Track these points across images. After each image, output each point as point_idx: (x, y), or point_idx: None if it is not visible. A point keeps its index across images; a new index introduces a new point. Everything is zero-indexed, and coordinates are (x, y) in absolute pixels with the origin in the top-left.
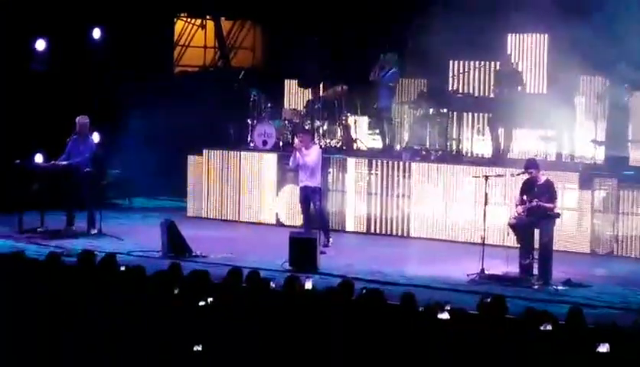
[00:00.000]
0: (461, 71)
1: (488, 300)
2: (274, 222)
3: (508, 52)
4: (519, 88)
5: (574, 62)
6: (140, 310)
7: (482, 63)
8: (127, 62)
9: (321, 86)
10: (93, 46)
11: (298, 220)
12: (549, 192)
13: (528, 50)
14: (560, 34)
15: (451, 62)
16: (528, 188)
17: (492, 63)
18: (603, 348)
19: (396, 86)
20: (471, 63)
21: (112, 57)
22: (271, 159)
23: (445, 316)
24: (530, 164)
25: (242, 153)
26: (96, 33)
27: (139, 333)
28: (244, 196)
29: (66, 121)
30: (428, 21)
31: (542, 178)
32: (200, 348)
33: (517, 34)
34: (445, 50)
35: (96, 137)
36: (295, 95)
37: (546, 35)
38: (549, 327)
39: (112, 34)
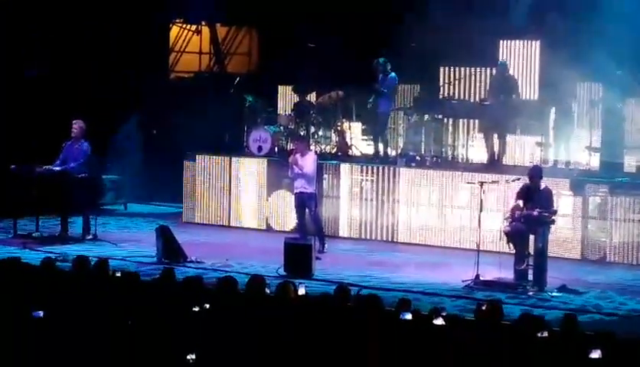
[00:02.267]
0: (455, 78)
1: (484, 306)
2: (264, 227)
3: (501, 58)
4: (514, 95)
5: (569, 68)
6: (134, 315)
7: (477, 69)
8: (122, 67)
9: (314, 92)
10: (88, 52)
11: (288, 225)
12: (548, 200)
13: (520, 56)
14: (554, 40)
15: (442, 68)
16: (527, 195)
17: (484, 69)
18: (595, 354)
19: (396, 92)
20: (463, 69)
21: (107, 63)
22: (261, 164)
23: (440, 321)
24: (535, 172)
25: (232, 158)
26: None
27: (133, 339)
28: (234, 202)
29: (61, 126)
30: (421, 27)
31: (542, 185)
32: (193, 356)
33: (509, 40)
34: (439, 56)
35: (90, 142)
36: (290, 101)
37: (538, 41)
38: (545, 334)
39: (108, 39)
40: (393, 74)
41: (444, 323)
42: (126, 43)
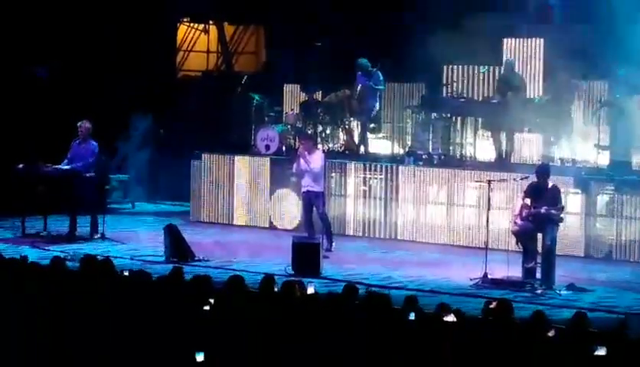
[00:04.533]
0: (460, 77)
1: (493, 304)
2: (267, 225)
3: (505, 57)
4: (521, 93)
5: (577, 66)
6: (143, 314)
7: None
8: (130, 67)
9: (322, 90)
10: (95, 51)
11: (292, 224)
12: (555, 198)
13: (524, 54)
14: (562, 38)
15: (445, 67)
16: (535, 193)
17: (490, 68)
18: (601, 351)
19: (380, 88)
20: (467, 67)
21: (114, 62)
22: (268, 163)
23: (451, 318)
24: (543, 170)
25: (239, 157)
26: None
27: (142, 338)
28: (241, 200)
29: (69, 126)
30: (427, 26)
31: (549, 183)
32: (202, 358)
33: (513, 39)
34: (444, 55)
35: (98, 142)
36: (298, 100)
37: (542, 39)
38: (552, 332)
39: (115, 38)
40: (376, 71)
41: (455, 319)
42: (133, 42)
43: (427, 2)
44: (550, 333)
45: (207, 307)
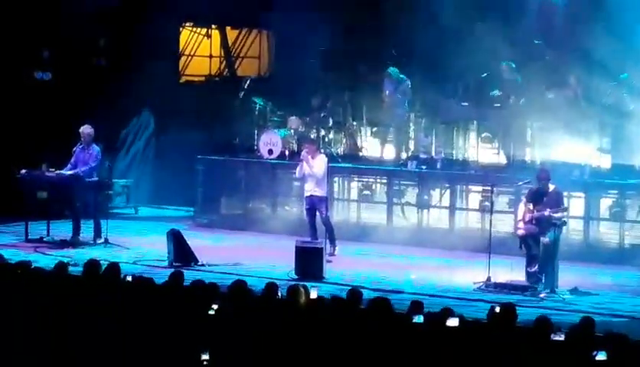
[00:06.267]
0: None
1: (498, 308)
2: (274, 230)
3: (506, 61)
4: (523, 99)
5: (578, 70)
6: (146, 319)
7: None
8: (133, 71)
9: (325, 95)
10: (97, 55)
11: (297, 229)
12: (558, 200)
13: (526, 57)
14: (561, 41)
15: (452, 72)
16: (537, 197)
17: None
18: (601, 356)
19: (409, 95)
20: (467, 70)
21: (117, 67)
22: (271, 167)
23: (454, 322)
24: (543, 174)
25: (242, 161)
26: (101, 42)
27: (145, 343)
28: (245, 205)
29: (72, 131)
30: (432, 32)
31: (551, 187)
32: (207, 357)
33: (514, 42)
34: (449, 59)
35: (101, 146)
36: (301, 104)
37: (544, 42)
38: (561, 337)
39: (117, 43)
40: (406, 81)
41: (458, 323)
42: (136, 47)
43: (430, 6)
44: (559, 337)
45: (211, 312)
